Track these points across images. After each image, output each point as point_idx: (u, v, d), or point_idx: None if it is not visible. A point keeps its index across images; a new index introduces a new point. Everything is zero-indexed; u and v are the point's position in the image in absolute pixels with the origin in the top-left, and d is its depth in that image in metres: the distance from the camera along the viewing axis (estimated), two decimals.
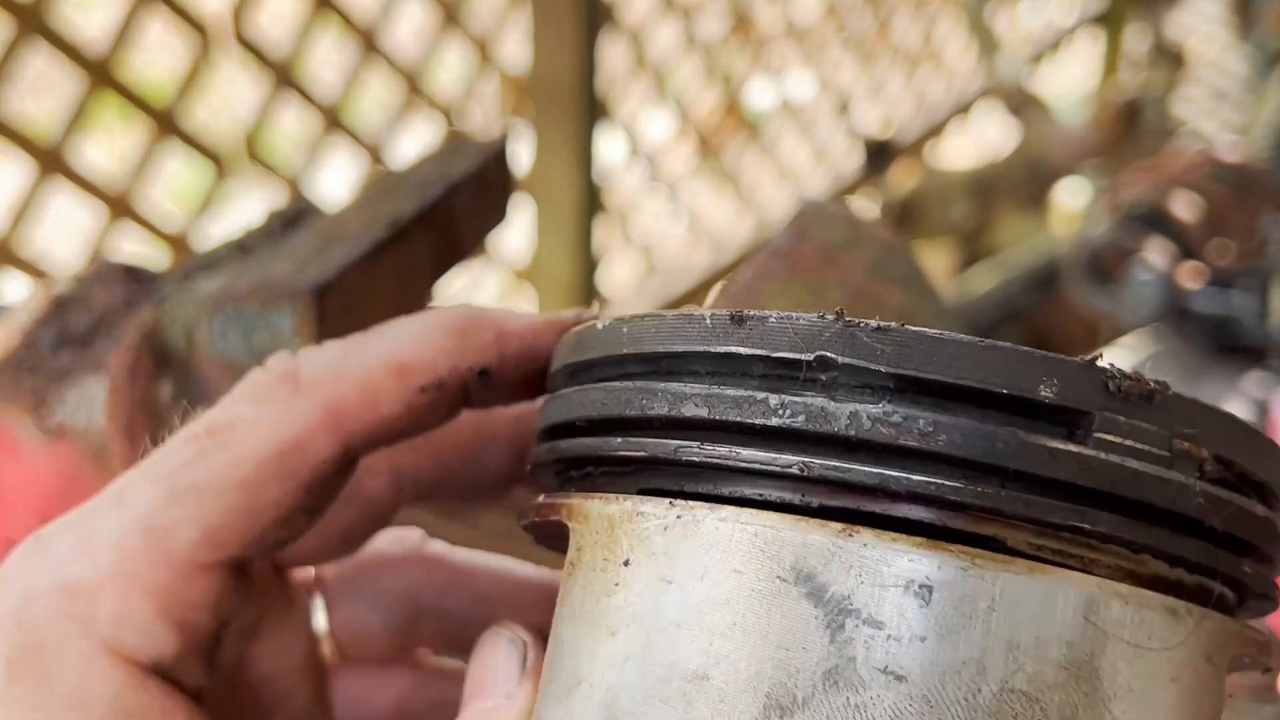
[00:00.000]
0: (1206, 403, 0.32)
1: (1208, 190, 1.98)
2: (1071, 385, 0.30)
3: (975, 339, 0.30)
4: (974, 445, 0.29)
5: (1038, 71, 4.01)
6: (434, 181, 0.74)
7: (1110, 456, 0.30)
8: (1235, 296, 1.93)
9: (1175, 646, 0.30)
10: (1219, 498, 0.31)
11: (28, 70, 1.98)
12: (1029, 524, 0.30)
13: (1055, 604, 0.29)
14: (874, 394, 0.30)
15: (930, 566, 0.29)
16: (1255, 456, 0.32)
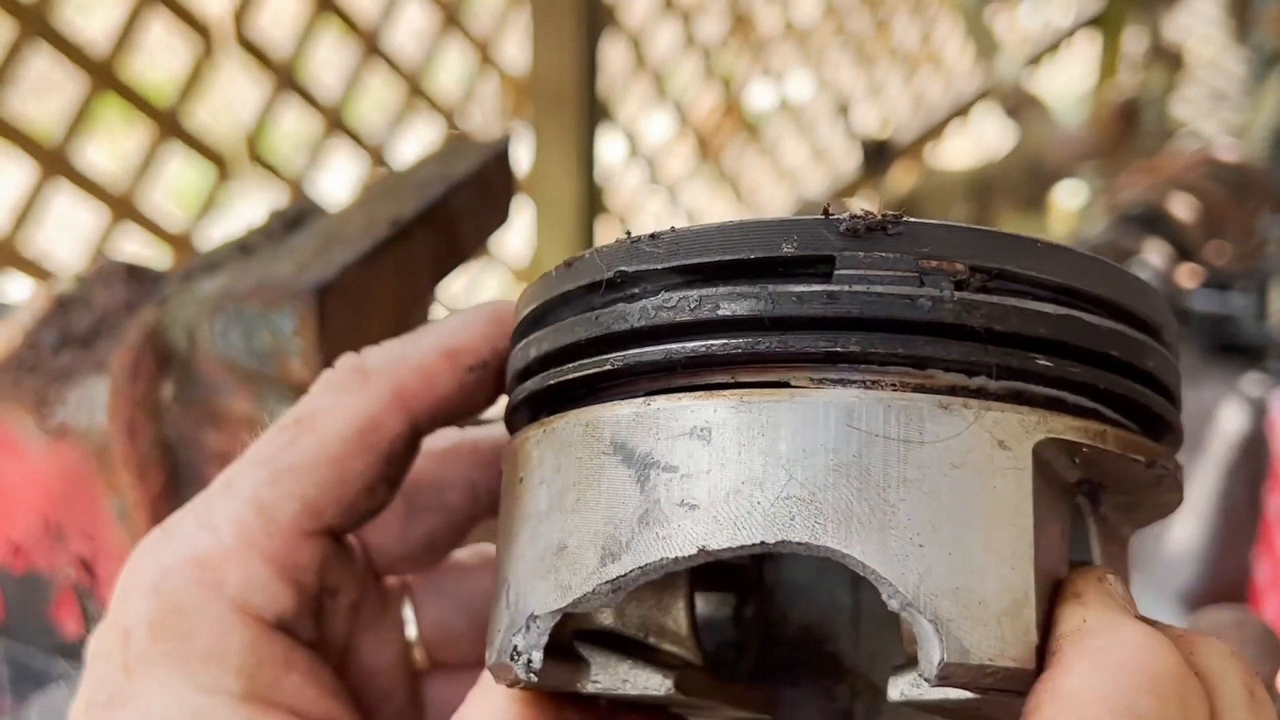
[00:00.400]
0: (959, 224, 0.36)
1: (1205, 191, 1.99)
2: (810, 236, 0.35)
3: (733, 221, 0.36)
4: (736, 305, 0.34)
5: (1036, 72, 4.01)
6: (434, 182, 0.74)
7: (855, 287, 0.34)
8: (1233, 297, 1.93)
9: (952, 438, 0.33)
10: (974, 301, 0.34)
11: (30, 71, 1.98)
12: (801, 361, 0.34)
13: (817, 419, 0.33)
14: (658, 288, 0.36)
15: (708, 412, 0.34)
16: (1019, 258, 0.35)
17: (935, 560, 0.33)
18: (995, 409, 0.34)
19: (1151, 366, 0.37)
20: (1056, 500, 0.35)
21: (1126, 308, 0.36)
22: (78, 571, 0.74)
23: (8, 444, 0.73)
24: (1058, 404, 0.35)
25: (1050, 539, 0.34)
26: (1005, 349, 0.34)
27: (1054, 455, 0.35)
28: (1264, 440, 1.83)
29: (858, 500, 0.33)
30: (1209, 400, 1.89)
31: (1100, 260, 0.36)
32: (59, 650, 0.76)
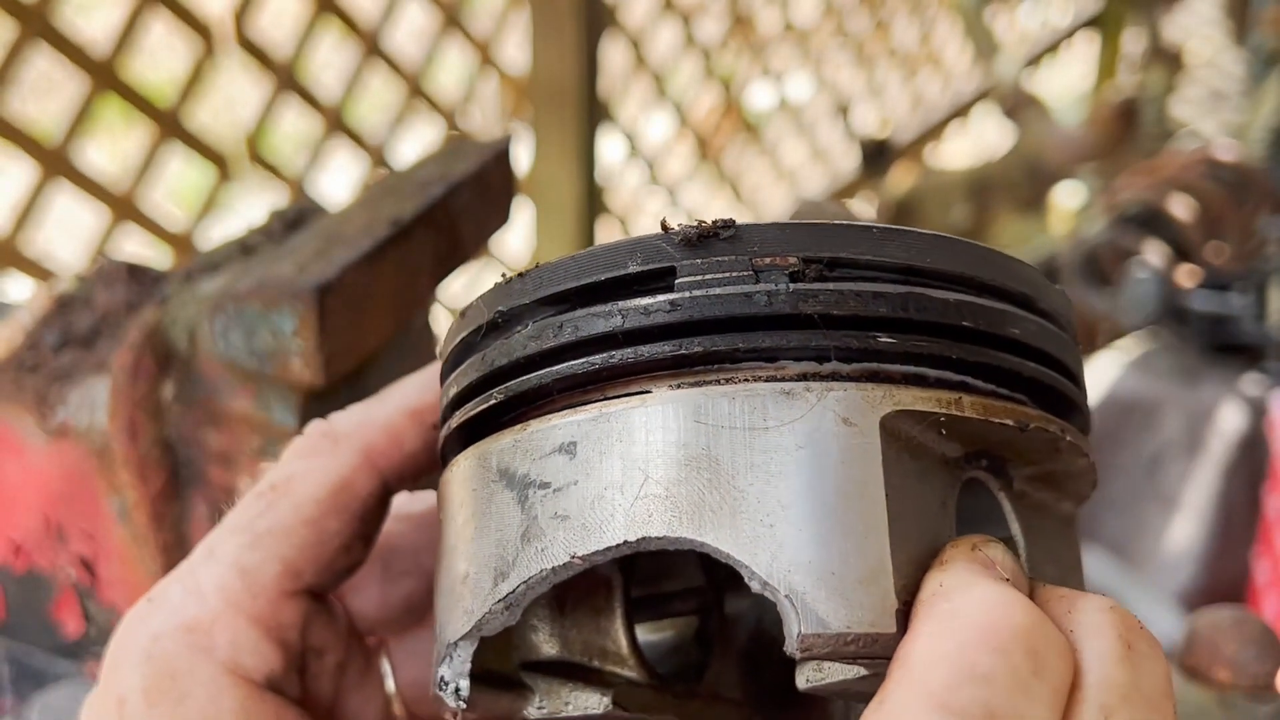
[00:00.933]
0: (792, 222, 0.37)
1: (1204, 191, 1.99)
2: (651, 251, 0.37)
3: (590, 249, 0.38)
4: (593, 325, 0.37)
5: (1035, 73, 4.01)
6: (435, 182, 0.74)
7: (694, 292, 0.36)
8: (1232, 297, 1.93)
9: (795, 420, 0.35)
10: (808, 290, 0.36)
11: (31, 72, 1.98)
12: (657, 368, 0.36)
13: (668, 419, 0.35)
14: (530, 321, 0.39)
15: (573, 428, 0.36)
16: (853, 245, 0.36)
17: (786, 538, 0.34)
18: (838, 389, 0.35)
19: (1018, 333, 0.37)
20: (929, 472, 0.36)
21: (978, 279, 0.37)
22: (78, 571, 0.74)
23: (9, 443, 0.73)
24: (909, 379, 0.36)
25: (916, 509, 0.35)
26: (845, 331, 0.36)
27: (912, 428, 0.35)
28: (1263, 440, 1.83)
29: (709, 490, 0.34)
30: (1208, 400, 1.89)
31: (950, 239, 0.38)
32: (60, 650, 0.77)
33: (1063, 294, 0.41)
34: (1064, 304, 0.40)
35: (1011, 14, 4.09)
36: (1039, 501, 0.40)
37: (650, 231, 0.38)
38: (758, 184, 3.37)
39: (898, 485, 0.35)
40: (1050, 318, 0.39)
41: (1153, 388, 1.94)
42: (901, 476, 0.35)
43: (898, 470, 0.35)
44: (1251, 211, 1.98)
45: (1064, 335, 0.40)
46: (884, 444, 0.35)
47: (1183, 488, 1.85)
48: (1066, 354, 0.39)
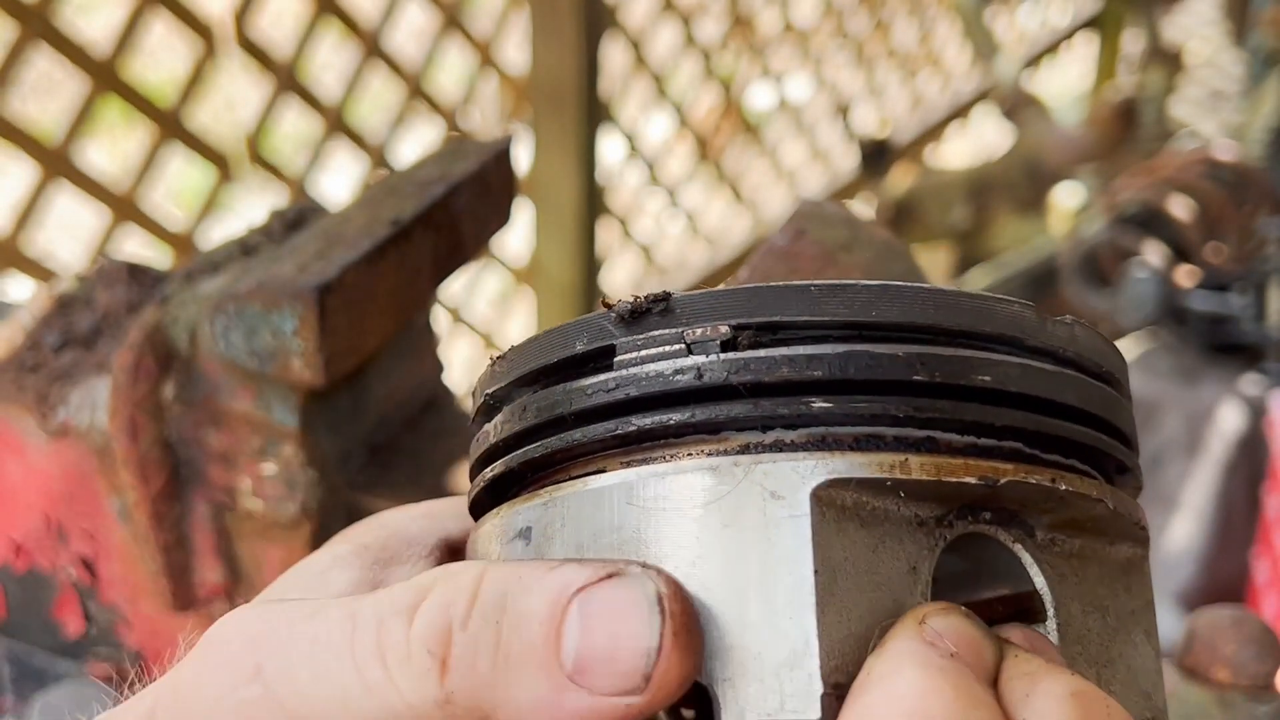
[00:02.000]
0: (726, 289, 0.36)
1: (1203, 191, 1.99)
2: (595, 331, 0.37)
3: (551, 329, 0.38)
4: (544, 409, 0.37)
5: (1035, 73, 4.01)
6: (435, 182, 0.74)
7: (632, 369, 0.36)
8: (1231, 297, 1.93)
9: (722, 498, 0.34)
10: (738, 359, 0.35)
11: (32, 72, 1.98)
12: (607, 448, 0.36)
13: (604, 502, 0.35)
14: (504, 404, 0.40)
15: (528, 513, 0.37)
16: (786, 307, 0.35)
17: (711, 623, 0.33)
18: (767, 461, 0.34)
19: (988, 380, 0.35)
20: (889, 539, 0.34)
21: (938, 327, 0.35)
22: (79, 571, 0.74)
23: (9, 443, 0.73)
24: (856, 442, 0.34)
25: (867, 582, 0.34)
26: (778, 399, 0.35)
27: (860, 495, 0.34)
28: (1262, 440, 1.83)
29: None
30: (1207, 400, 1.89)
31: (903, 288, 0.36)
32: (60, 649, 0.77)
33: (1072, 328, 0.38)
34: (1068, 338, 0.37)
35: (1011, 14, 4.09)
36: (1077, 549, 0.37)
37: (598, 310, 0.38)
38: (758, 184, 3.37)
39: (838, 559, 0.33)
40: (1048, 356, 0.37)
41: (1152, 388, 1.94)
42: (844, 549, 0.33)
43: (839, 542, 0.33)
44: (1251, 212, 1.98)
45: (1066, 373, 0.37)
46: (818, 516, 0.33)
47: (1182, 487, 1.85)
48: (1069, 393, 0.37)
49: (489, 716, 0.34)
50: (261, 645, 0.36)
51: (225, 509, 0.71)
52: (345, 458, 0.74)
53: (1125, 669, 0.37)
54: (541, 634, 0.33)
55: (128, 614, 0.75)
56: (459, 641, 0.34)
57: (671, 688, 0.32)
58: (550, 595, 0.33)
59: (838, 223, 0.68)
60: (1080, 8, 4.17)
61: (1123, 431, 0.39)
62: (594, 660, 0.32)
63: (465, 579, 0.35)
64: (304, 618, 0.36)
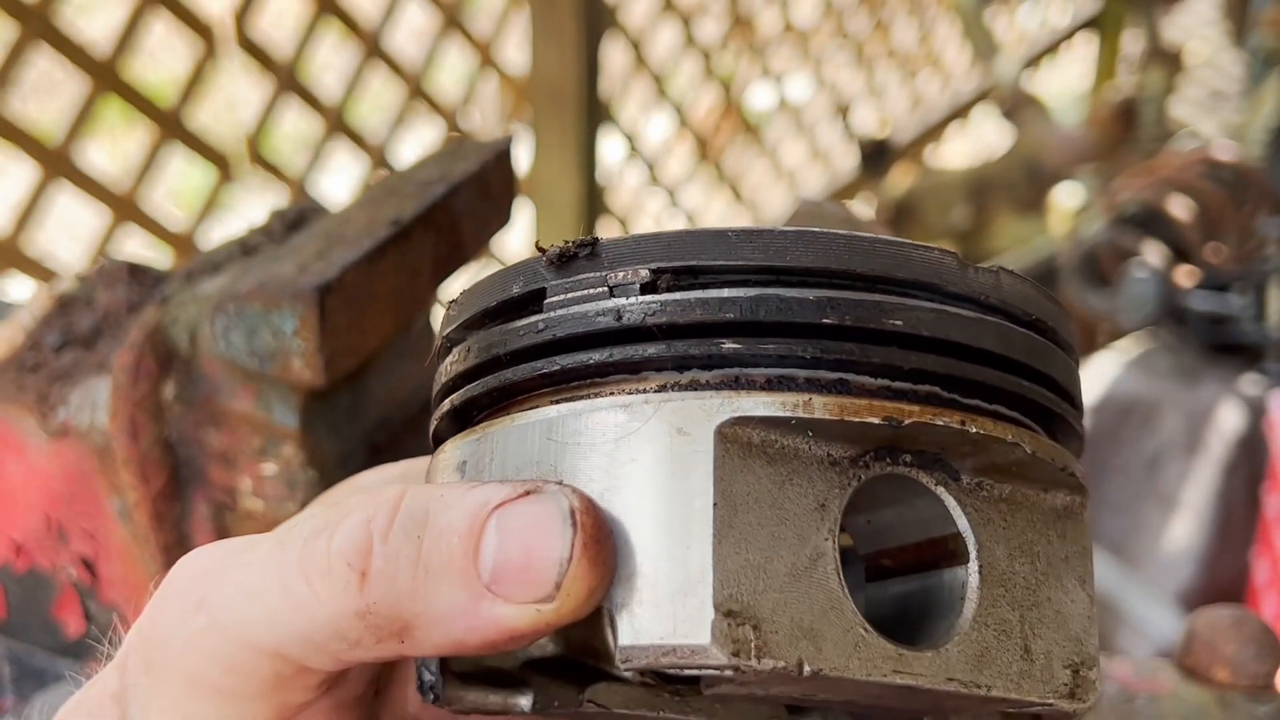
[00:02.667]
0: (650, 233, 0.37)
1: (1203, 191, 1.99)
2: (530, 274, 0.38)
3: (494, 272, 0.39)
4: (483, 350, 0.39)
5: (1035, 74, 4.01)
6: (435, 183, 0.74)
7: (559, 311, 0.37)
8: (1231, 297, 1.93)
9: (632, 434, 0.35)
10: (656, 302, 0.36)
11: (32, 72, 1.99)
12: (538, 386, 0.38)
13: (527, 437, 0.37)
14: (453, 345, 0.41)
15: (466, 448, 0.39)
16: (704, 251, 0.36)
17: (617, 552, 0.35)
18: (676, 399, 0.35)
19: (899, 324, 0.36)
20: (796, 476, 0.35)
21: (852, 271, 0.36)
22: (79, 571, 0.74)
23: (10, 443, 0.73)
24: (766, 383, 0.35)
25: (769, 517, 0.35)
26: (691, 340, 0.36)
27: (767, 433, 0.35)
28: (1262, 440, 1.83)
29: None
30: (1207, 400, 1.89)
31: (817, 233, 0.36)
32: (61, 649, 0.77)
33: (997, 275, 0.38)
34: (991, 285, 0.38)
35: (1011, 14, 4.09)
36: (1007, 494, 0.38)
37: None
38: (758, 184, 3.37)
39: (740, 492, 0.34)
40: (970, 302, 0.37)
41: (1152, 388, 1.94)
42: (748, 484, 0.35)
43: (743, 478, 0.34)
44: (1250, 212, 1.98)
45: (987, 319, 0.37)
46: (721, 452, 0.34)
47: (1182, 487, 1.85)
48: (988, 338, 0.37)
49: (408, 626, 0.35)
50: (204, 578, 0.38)
51: (225, 509, 0.71)
52: (345, 458, 0.74)
53: (1054, 613, 0.38)
54: (461, 546, 0.34)
55: (128, 614, 0.75)
56: (379, 554, 0.35)
57: (580, 597, 0.34)
58: (470, 510, 0.35)
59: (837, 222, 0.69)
60: (1080, 8, 4.17)
61: (1052, 378, 0.39)
62: (509, 570, 0.34)
63: (387, 496, 0.36)
64: (242, 549, 0.38)
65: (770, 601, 0.34)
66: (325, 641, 0.36)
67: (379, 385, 0.77)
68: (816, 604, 0.35)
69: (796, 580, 0.35)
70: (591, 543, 0.34)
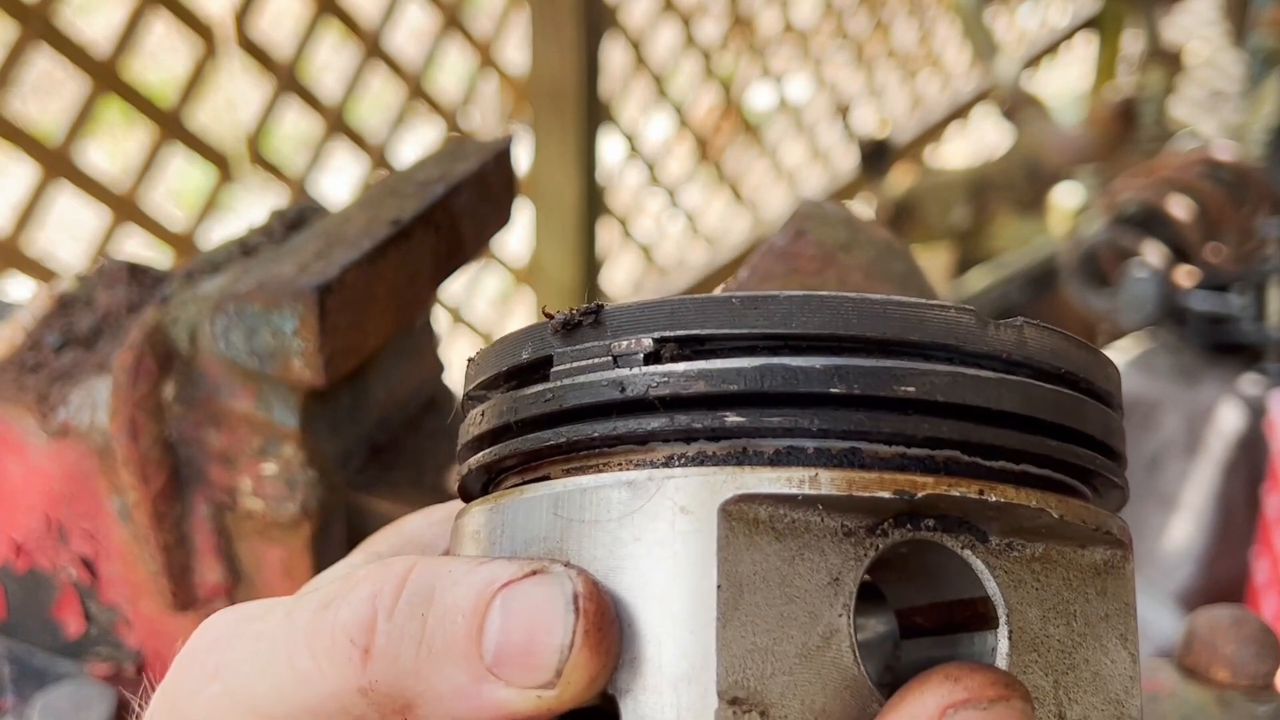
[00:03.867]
0: (654, 300, 0.37)
1: (1203, 191, 1.99)
2: (538, 340, 0.38)
3: (501, 339, 0.39)
4: (495, 415, 0.39)
5: (1034, 74, 4.01)
6: (435, 183, 0.74)
7: (565, 381, 0.37)
8: (1231, 297, 1.93)
9: (635, 512, 0.34)
10: (659, 373, 0.35)
11: (32, 73, 1.99)
12: (549, 454, 0.37)
13: (535, 511, 0.36)
14: (464, 412, 0.41)
15: (481, 516, 0.38)
16: (707, 320, 0.35)
17: (622, 634, 0.34)
18: (679, 476, 0.34)
19: (912, 390, 0.34)
20: (807, 551, 0.34)
21: (862, 337, 0.35)
22: (79, 570, 0.74)
23: (10, 443, 0.73)
24: (775, 457, 0.34)
25: (777, 596, 0.33)
26: (694, 413, 0.35)
27: (775, 508, 0.34)
28: (1261, 440, 1.83)
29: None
30: (1207, 400, 1.89)
31: (825, 297, 0.35)
32: (61, 649, 0.77)
33: (1021, 330, 0.36)
34: (1014, 342, 0.36)
35: (1011, 15, 4.09)
36: (1040, 553, 0.36)
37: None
38: (758, 185, 3.37)
39: (746, 572, 0.33)
40: (992, 361, 0.35)
41: (1152, 388, 1.94)
42: (755, 562, 0.33)
43: (749, 556, 0.33)
44: (1250, 212, 1.98)
45: (1010, 379, 0.35)
46: (726, 531, 0.33)
47: (1182, 487, 1.85)
48: (1010, 399, 0.35)
49: (410, 704, 0.35)
50: (218, 646, 0.38)
51: (225, 509, 0.71)
52: (345, 458, 0.74)
53: (1091, 676, 0.36)
54: (465, 626, 0.34)
55: (128, 614, 0.75)
56: (383, 631, 0.35)
57: (581, 684, 0.33)
58: (476, 589, 0.34)
59: (837, 223, 0.68)
60: (1080, 8, 4.17)
61: (1083, 433, 0.37)
62: (512, 653, 0.34)
63: (396, 570, 0.36)
64: (255, 617, 0.38)
65: (779, 685, 0.33)
66: (330, 715, 0.36)
67: (379, 385, 0.77)
68: (830, 683, 0.33)
69: (807, 660, 0.33)
70: (594, 629, 0.33)
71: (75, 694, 0.73)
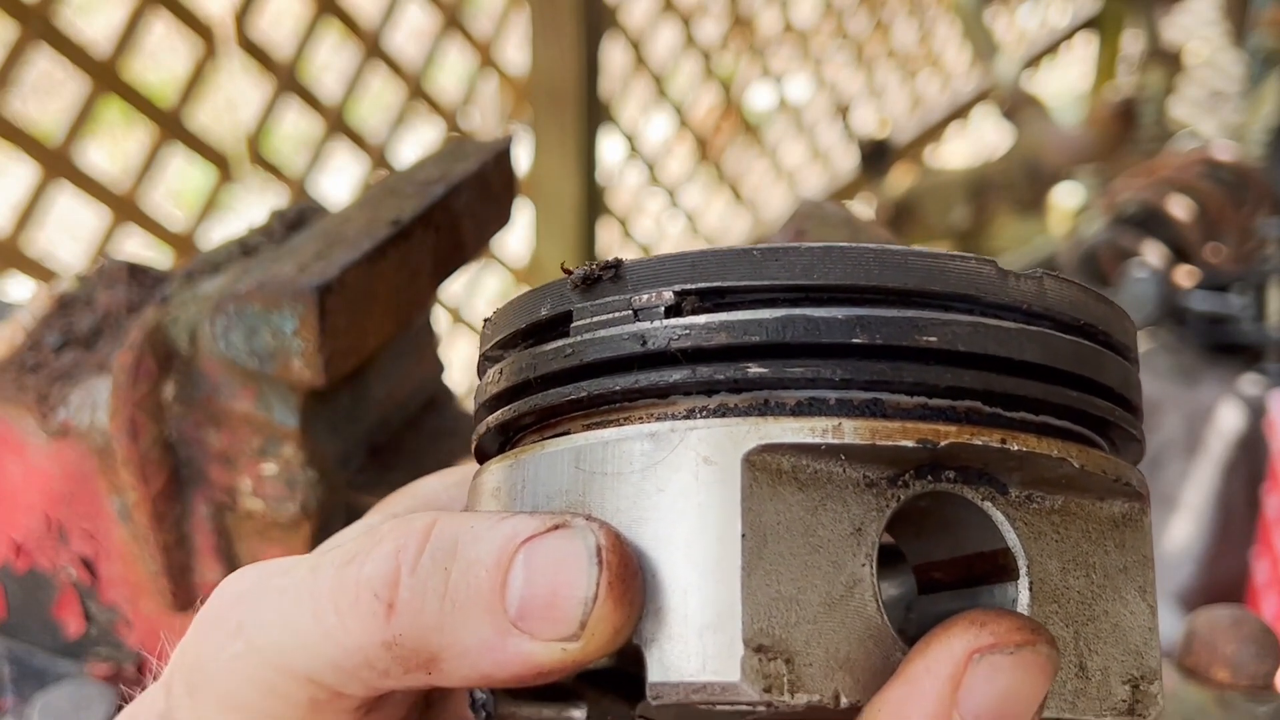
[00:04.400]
0: (674, 254, 0.36)
1: (1203, 191, 1.99)
2: (557, 297, 0.38)
3: (519, 296, 0.39)
4: (514, 372, 0.39)
5: (1034, 74, 4.02)
6: (435, 183, 0.74)
7: (585, 335, 0.37)
8: (1231, 297, 1.93)
9: (657, 464, 0.34)
10: (680, 325, 0.35)
11: (32, 73, 1.99)
12: (570, 410, 0.37)
13: (557, 465, 0.36)
14: (487, 367, 0.41)
15: (501, 473, 0.38)
16: (729, 271, 0.35)
17: (646, 584, 0.34)
18: (702, 427, 0.34)
19: (934, 340, 0.34)
20: (830, 501, 0.34)
21: (881, 288, 0.35)
22: (79, 570, 0.75)
23: (10, 443, 0.73)
24: (796, 407, 0.34)
25: (801, 545, 0.33)
26: (716, 364, 0.35)
27: (797, 458, 0.34)
28: (1261, 440, 1.83)
29: None
30: (1207, 400, 1.89)
31: (845, 248, 0.35)
32: (61, 649, 0.77)
33: (1041, 281, 0.36)
34: (1034, 293, 0.36)
35: (1011, 15, 4.09)
36: (1059, 505, 0.36)
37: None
38: (757, 185, 3.37)
39: (770, 522, 0.33)
40: (1012, 312, 0.36)
41: (1151, 388, 1.94)
42: (778, 512, 0.33)
43: (773, 506, 0.33)
44: (1250, 212, 1.98)
45: (1030, 329, 0.35)
46: (749, 480, 0.33)
47: (1182, 487, 1.85)
48: (1030, 349, 0.35)
49: (435, 658, 0.35)
50: (241, 602, 0.38)
51: (225, 509, 0.71)
52: (345, 458, 0.74)
53: (1111, 626, 0.37)
54: (488, 580, 0.34)
55: (128, 614, 0.75)
56: (407, 585, 0.35)
57: (606, 637, 0.34)
58: (499, 543, 0.34)
59: (837, 223, 0.68)
60: (1080, 8, 4.18)
61: (1103, 385, 0.37)
62: (535, 606, 0.34)
63: (418, 525, 0.36)
64: (278, 573, 0.38)
65: (803, 633, 0.33)
66: (355, 670, 0.36)
67: (379, 385, 0.77)
68: (853, 632, 0.33)
69: (831, 609, 0.33)
70: (617, 581, 0.33)
71: (75, 694, 0.73)
